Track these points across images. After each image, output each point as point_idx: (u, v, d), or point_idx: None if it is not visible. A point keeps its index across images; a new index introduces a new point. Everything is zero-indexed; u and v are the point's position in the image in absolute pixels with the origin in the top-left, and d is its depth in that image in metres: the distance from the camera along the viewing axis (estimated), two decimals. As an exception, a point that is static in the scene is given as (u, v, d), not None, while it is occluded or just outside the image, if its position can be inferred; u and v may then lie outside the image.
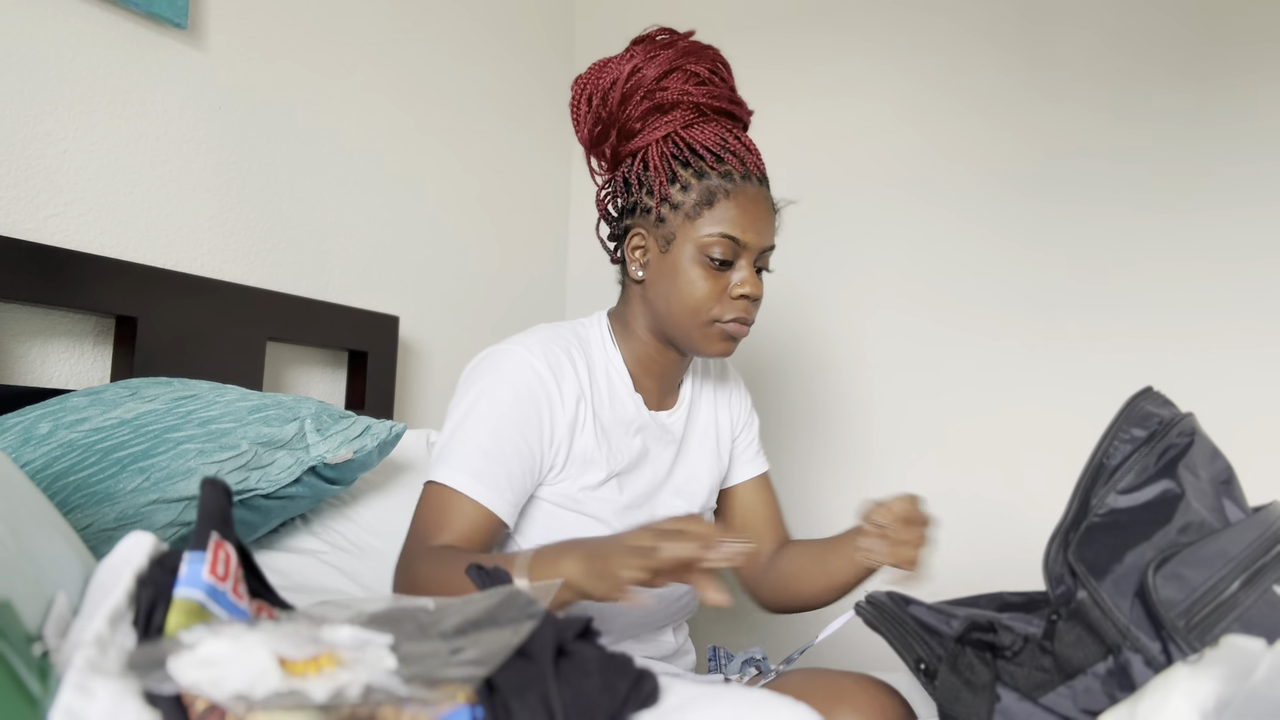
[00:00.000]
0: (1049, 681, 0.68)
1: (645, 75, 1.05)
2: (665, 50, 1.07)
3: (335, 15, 1.65)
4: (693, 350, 1.09)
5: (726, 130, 1.06)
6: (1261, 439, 1.59)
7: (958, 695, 0.69)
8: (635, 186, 1.08)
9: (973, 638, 0.72)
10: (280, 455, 1.09)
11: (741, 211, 1.03)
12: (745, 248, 1.04)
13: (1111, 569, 0.70)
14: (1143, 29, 1.75)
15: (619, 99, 1.06)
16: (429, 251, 1.87)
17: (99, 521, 0.94)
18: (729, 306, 1.04)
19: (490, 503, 0.97)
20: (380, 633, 0.50)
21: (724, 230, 1.02)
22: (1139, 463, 0.76)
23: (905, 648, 0.74)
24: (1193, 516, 0.74)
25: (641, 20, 2.26)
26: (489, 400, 1.01)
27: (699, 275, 1.03)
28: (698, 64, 1.07)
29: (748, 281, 1.04)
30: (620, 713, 0.50)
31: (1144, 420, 0.80)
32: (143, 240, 1.33)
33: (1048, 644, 0.70)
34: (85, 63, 1.26)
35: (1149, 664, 0.66)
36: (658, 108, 1.05)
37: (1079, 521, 0.74)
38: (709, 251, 1.03)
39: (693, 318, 1.04)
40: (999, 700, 0.68)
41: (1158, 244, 1.71)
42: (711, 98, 1.06)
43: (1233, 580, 0.68)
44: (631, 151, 1.08)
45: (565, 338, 1.08)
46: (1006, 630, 0.71)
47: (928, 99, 1.92)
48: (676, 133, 1.05)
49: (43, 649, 0.47)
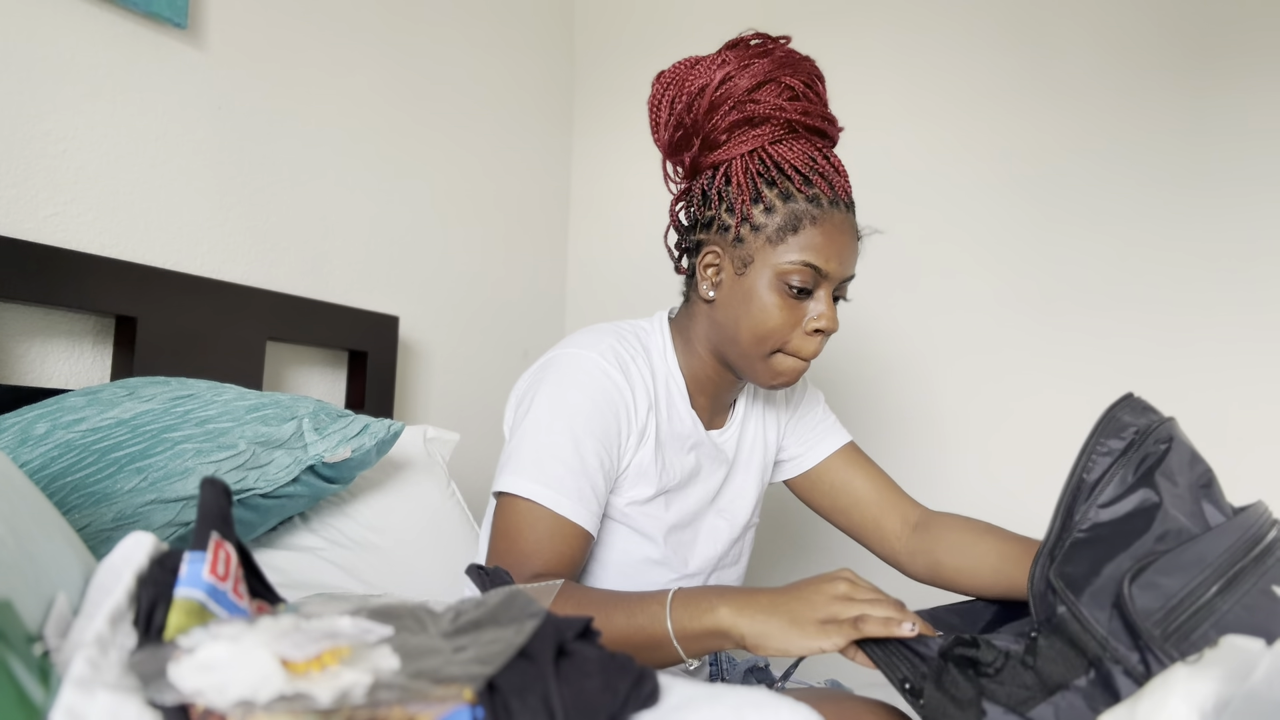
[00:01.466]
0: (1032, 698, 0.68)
1: (737, 85, 0.98)
2: (760, 59, 0.99)
3: (335, 15, 1.65)
4: (749, 378, 1.04)
5: (816, 149, 1.00)
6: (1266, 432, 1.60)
7: (945, 711, 0.69)
8: (715, 201, 1.01)
9: (956, 654, 0.72)
10: (278, 454, 1.09)
11: (827, 240, 0.97)
12: (826, 277, 0.98)
13: (1090, 582, 0.70)
14: (1142, 28, 1.75)
15: (706, 107, 0.99)
16: (429, 251, 1.87)
17: (97, 522, 0.93)
18: (802, 341, 0.99)
19: (580, 518, 0.93)
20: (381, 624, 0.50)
21: (807, 259, 0.96)
22: (1117, 474, 0.76)
23: (890, 668, 0.74)
24: (1170, 524, 0.74)
25: (641, 20, 2.27)
26: (566, 407, 0.96)
27: (774, 303, 0.97)
28: (794, 77, 0.99)
29: (825, 315, 0.98)
30: (621, 713, 0.50)
31: (1120, 431, 0.79)
32: (143, 240, 1.33)
33: (1029, 660, 0.70)
34: (85, 62, 1.26)
35: (1129, 674, 0.66)
36: (747, 120, 0.99)
37: (1062, 539, 0.75)
38: (788, 279, 0.97)
39: (759, 346, 0.99)
40: (985, 715, 0.68)
41: (1158, 243, 1.71)
42: (804, 114, 0.99)
43: (1210, 585, 0.68)
44: (714, 163, 1.01)
45: (631, 343, 1.03)
46: (989, 646, 0.71)
47: (927, 99, 1.92)
48: (764, 149, 0.99)
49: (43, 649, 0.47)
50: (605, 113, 2.31)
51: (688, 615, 0.79)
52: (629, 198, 2.25)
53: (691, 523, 1.09)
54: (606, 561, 1.06)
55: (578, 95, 2.35)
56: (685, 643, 0.79)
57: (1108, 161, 1.75)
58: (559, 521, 0.92)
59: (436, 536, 1.32)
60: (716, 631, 0.78)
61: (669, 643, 0.80)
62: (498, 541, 0.94)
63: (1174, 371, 1.67)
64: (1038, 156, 1.81)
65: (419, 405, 1.85)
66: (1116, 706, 0.62)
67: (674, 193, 1.09)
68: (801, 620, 0.76)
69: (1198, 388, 1.65)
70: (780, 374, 1.01)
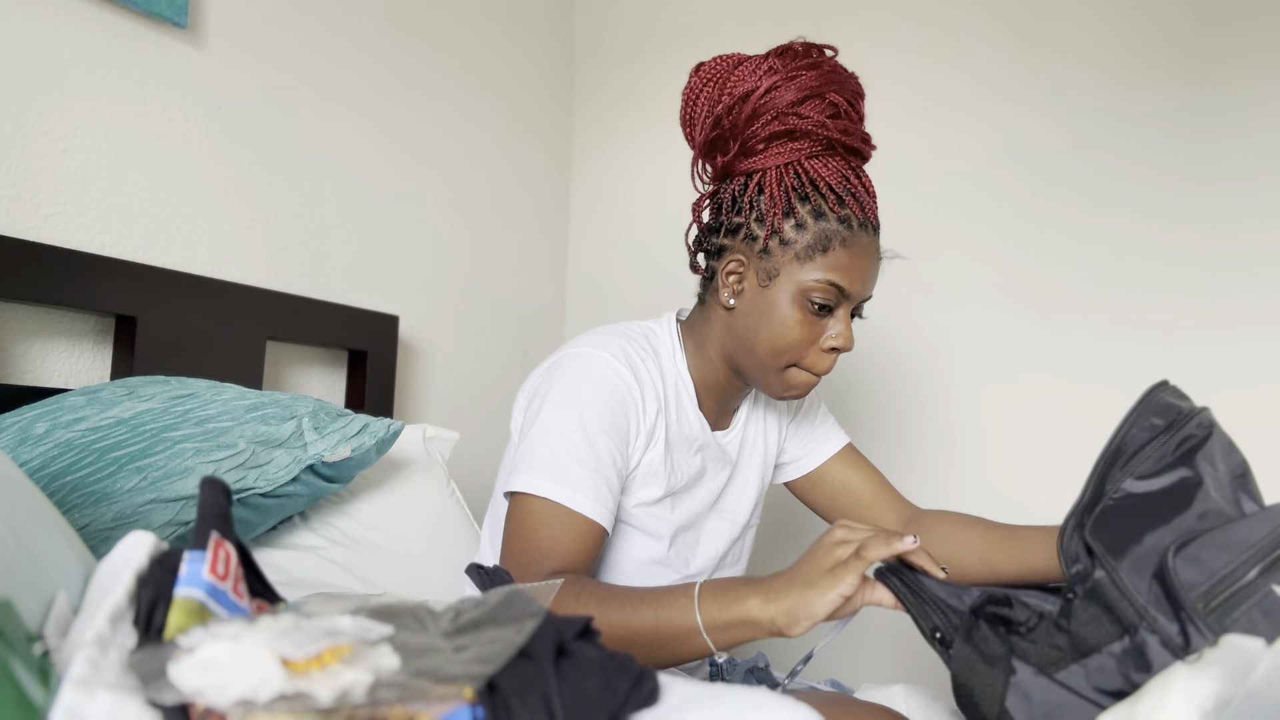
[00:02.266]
0: (1062, 659, 0.68)
1: (782, 96, 0.96)
2: (808, 72, 0.97)
3: (335, 15, 1.65)
4: (758, 387, 1.05)
5: (850, 169, 0.99)
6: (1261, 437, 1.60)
7: (973, 667, 0.69)
8: (746, 209, 1.00)
9: (988, 611, 0.72)
10: (278, 454, 1.09)
11: (854, 262, 0.97)
12: (848, 298, 0.99)
13: (1130, 549, 0.70)
14: (1142, 25, 1.75)
15: (748, 114, 0.98)
16: (429, 251, 1.87)
17: (96, 521, 0.94)
18: (818, 357, 1.00)
19: (596, 514, 0.93)
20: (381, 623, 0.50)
21: (833, 279, 0.96)
22: (1156, 450, 0.76)
23: (922, 615, 0.74)
24: (1211, 505, 0.74)
25: (641, 21, 2.27)
26: (578, 405, 0.96)
27: (796, 318, 0.98)
28: (839, 94, 0.98)
29: (842, 335, 0.99)
30: (620, 712, 0.50)
31: (1163, 410, 0.80)
32: (142, 240, 1.33)
33: (1063, 622, 0.70)
34: (85, 62, 1.26)
35: (1165, 645, 0.66)
36: (788, 133, 0.97)
37: (1094, 504, 0.75)
38: (812, 296, 0.97)
39: (775, 359, 0.99)
40: (1014, 673, 0.68)
41: (1160, 240, 1.71)
42: (845, 133, 0.98)
43: (1252, 566, 0.69)
44: (748, 171, 1.00)
45: (640, 344, 1.04)
46: (1022, 605, 0.71)
47: (927, 98, 1.92)
48: (800, 163, 0.98)
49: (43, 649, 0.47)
50: (605, 114, 2.31)
51: (717, 607, 0.79)
52: (629, 198, 2.25)
53: (695, 524, 1.09)
54: (610, 562, 1.06)
55: (578, 96, 2.35)
56: (715, 634, 0.79)
57: (1109, 158, 1.75)
58: (575, 518, 0.92)
59: (436, 536, 1.32)
60: (748, 621, 0.78)
61: (698, 635, 0.80)
62: (513, 540, 0.93)
63: (1176, 367, 1.67)
64: (1039, 153, 1.81)
65: (419, 405, 1.85)
66: (1117, 706, 0.62)
67: (701, 191, 1.08)
68: (813, 579, 0.76)
69: (1199, 384, 1.65)
70: (792, 387, 1.02)
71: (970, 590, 0.75)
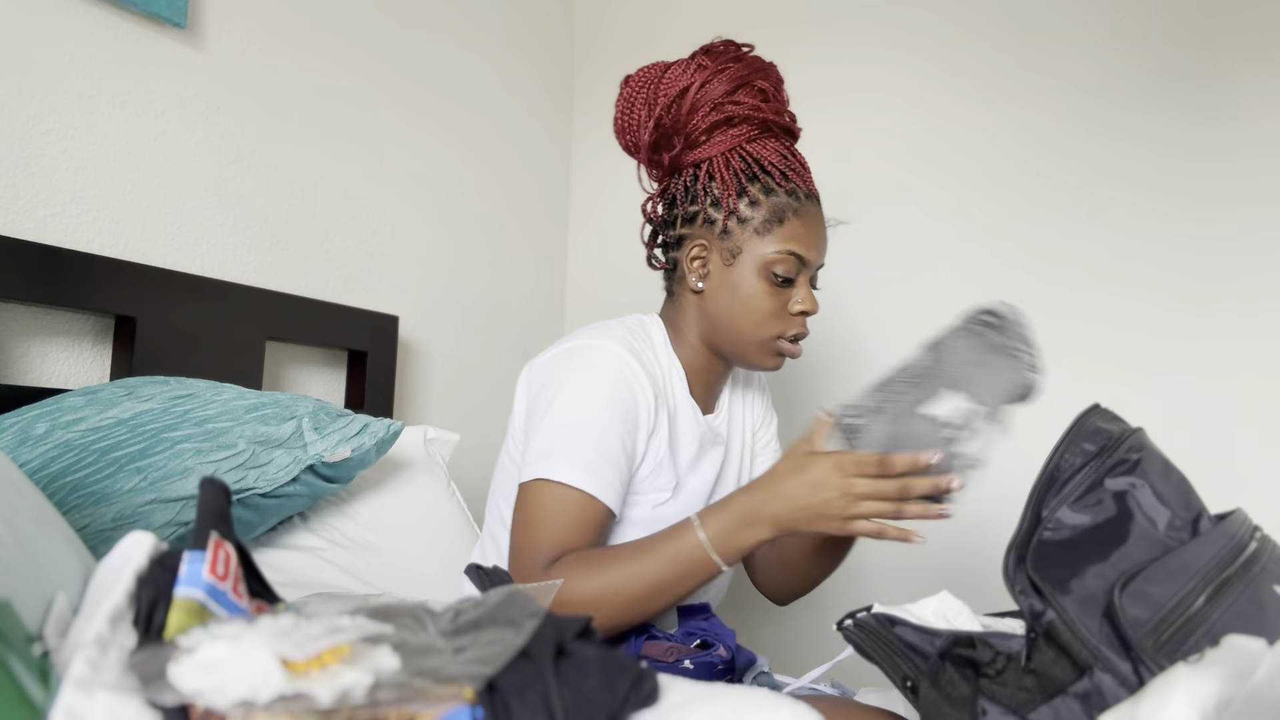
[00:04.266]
0: (1032, 700, 0.69)
1: (715, 89, 1.05)
2: (734, 64, 1.07)
3: (335, 15, 1.65)
4: (744, 363, 1.09)
5: (786, 148, 1.08)
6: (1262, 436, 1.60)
7: (940, 710, 0.69)
8: (700, 196, 1.07)
9: (954, 654, 0.72)
10: (278, 454, 1.09)
11: (806, 230, 1.06)
12: (807, 266, 1.06)
13: (1072, 585, 0.70)
14: (1142, 22, 1.75)
15: (688, 108, 1.06)
16: (429, 251, 1.87)
17: (96, 522, 0.93)
18: (790, 323, 1.06)
19: (603, 495, 0.96)
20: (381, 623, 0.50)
21: (790, 248, 1.04)
22: (1089, 477, 0.76)
23: (892, 667, 0.75)
24: (1149, 532, 0.74)
25: (641, 21, 2.27)
26: (587, 394, 1.00)
27: (763, 291, 1.05)
28: (764, 80, 1.08)
29: (807, 299, 1.06)
30: (620, 712, 0.50)
31: (1094, 436, 0.80)
32: (142, 240, 1.32)
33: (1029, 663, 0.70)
34: (85, 62, 1.26)
35: (1122, 684, 0.66)
36: (727, 121, 1.06)
37: (1031, 534, 0.75)
38: (774, 268, 1.04)
39: (754, 333, 1.06)
40: (984, 715, 0.68)
41: (1158, 238, 1.71)
42: (776, 114, 1.08)
43: (1199, 594, 0.69)
44: (695, 161, 1.08)
45: (640, 336, 1.09)
46: (986, 646, 0.72)
47: (935, 94, 1.92)
48: (741, 147, 1.06)
49: (43, 649, 0.47)
50: (605, 113, 2.30)
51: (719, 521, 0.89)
52: (629, 197, 2.24)
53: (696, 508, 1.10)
54: None
55: (578, 95, 2.35)
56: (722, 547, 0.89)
57: (1108, 157, 1.75)
58: (588, 501, 0.96)
59: (436, 537, 1.32)
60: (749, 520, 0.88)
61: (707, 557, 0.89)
62: (524, 525, 0.97)
63: (1174, 367, 1.67)
64: (1036, 152, 1.81)
65: (419, 405, 1.85)
66: (1118, 706, 0.62)
67: (649, 191, 1.16)
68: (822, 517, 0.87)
69: (1198, 383, 1.65)
70: (775, 355, 1.08)
71: (940, 633, 0.75)
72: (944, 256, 1.88)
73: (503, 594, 0.56)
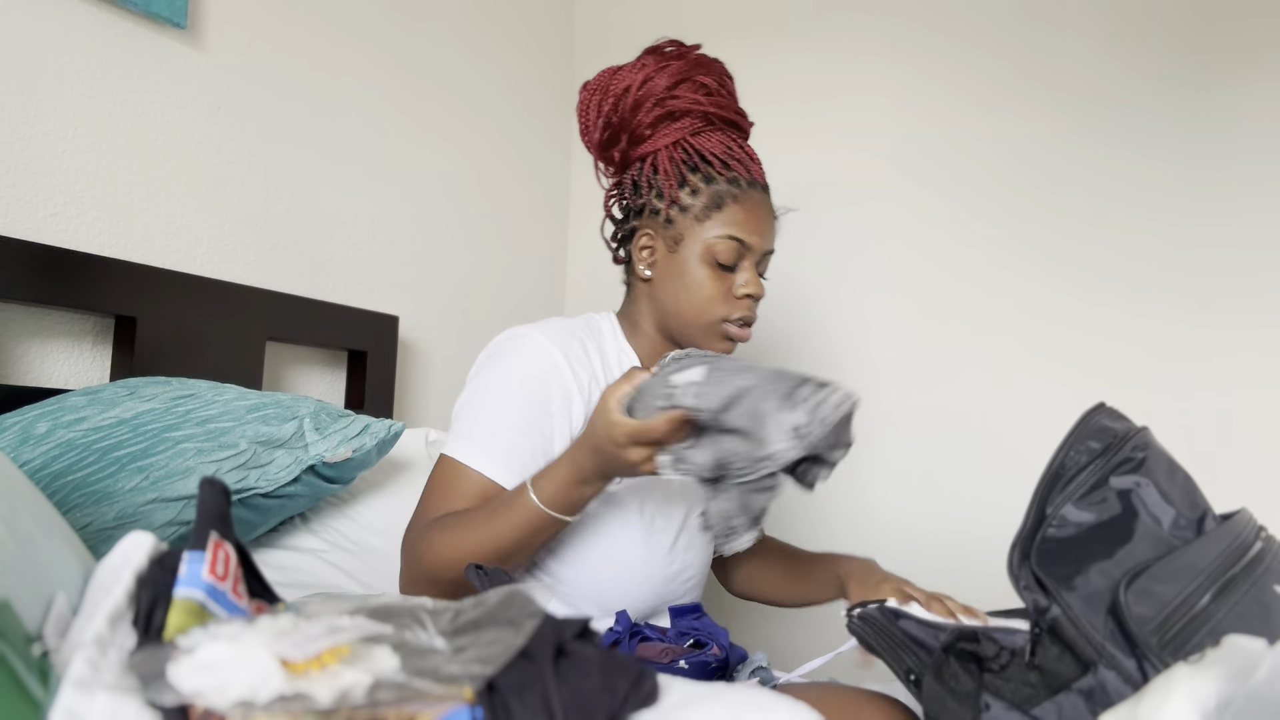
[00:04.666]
0: (1036, 696, 0.69)
1: (657, 84, 1.10)
2: (676, 61, 1.11)
3: (335, 15, 1.65)
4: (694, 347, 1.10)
5: (731, 139, 1.11)
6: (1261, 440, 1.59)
7: (943, 704, 0.69)
8: (645, 189, 1.12)
9: (958, 648, 0.72)
10: (279, 454, 1.10)
11: (748, 215, 1.08)
12: (749, 250, 1.09)
13: (1077, 582, 0.70)
14: (1142, 25, 1.74)
15: (631, 105, 1.11)
16: (429, 251, 1.87)
17: (98, 521, 0.94)
18: (734, 306, 1.08)
19: (492, 471, 1.00)
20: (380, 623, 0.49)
21: (730, 233, 1.07)
22: (1094, 475, 0.76)
23: (895, 660, 0.75)
24: (1154, 531, 0.74)
25: (641, 21, 2.27)
26: (495, 378, 1.04)
27: (705, 275, 1.08)
28: (707, 76, 1.11)
29: (750, 282, 1.09)
30: (620, 712, 0.50)
31: (1099, 434, 0.80)
32: (142, 240, 1.33)
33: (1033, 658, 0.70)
34: (85, 62, 1.26)
35: (1126, 681, 0.66)
36: (669, 115, 1.10)
37: (1036, 529, 0.75)
38: (715, 253, 1.07)
39: (699, 316, 1.08)
40: (987, 709, 0.68)
41: (1158, 244, 1.71)
42: (719, 108, 1.11)
43: (1204, 593, 0.69)
44: (641, 155, 1.13)
45: (578, 325, 1.13)
46: (990, 641, 0.72)
47: (928, 99, 1.92)
48: (685, 139, 1.10)
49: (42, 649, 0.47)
50: (605, 112, 2.30)
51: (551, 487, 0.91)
52: (629, 197, 2.24)
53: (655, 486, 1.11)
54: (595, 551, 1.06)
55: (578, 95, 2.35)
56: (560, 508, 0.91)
57: (1108, 160, 1.75)
58: (473, 474, 1.00)
59: (437, 536, 1.32)
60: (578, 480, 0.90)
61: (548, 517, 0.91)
62: (424, 493, 1.03)
63: (1174, 369, 1.67)
64: (1036, 155, 1.81)
65: (419, 406, 1.85)
66: (1119, 705, 0.62)
67: (605, 188, 1.20)
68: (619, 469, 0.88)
69: (1199, 385, 1.65)
70: (725, 339, 1.10)
71: (945, 627, 0.75)
72: (940, 258, 1.88)
73: (503, 594, 0.56)
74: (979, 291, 1.85)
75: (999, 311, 1.82)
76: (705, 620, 1.07)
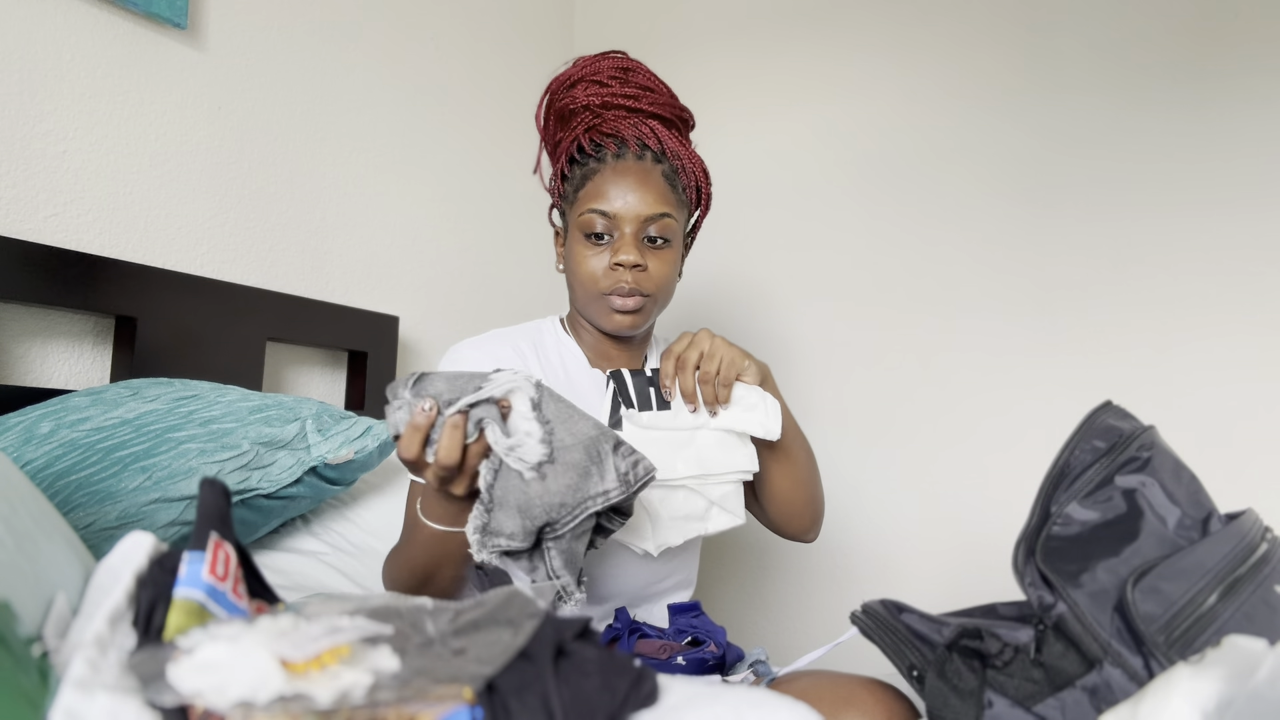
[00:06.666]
0: (1039, 692, 0.69)
1: (557, 96, 1.15)
2: (572, 68, 1.15)
3: (335, 15, 1.65)
4: (597, 326, 1.14)
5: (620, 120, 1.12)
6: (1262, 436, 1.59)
7: (945, 700, 0.69)
8: (553, 195, 1.19)
9: (961, 645, 0.72)
10: (281, 455, 1.10)
11: (610, 185, 1.09)
12: (616, 218, 1.08)
13: (1083, 579, 0.70)
14: (1143, 27, 1.74)
15: (542, 119, 1.18)
16: (428, 251, 1.87)
17: (101, 520, 0.94)
18: (609, 277, 1.09)
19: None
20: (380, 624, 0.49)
21: (591, 205, 1.09)
22: (1100, 474, 0.76)
23: (898, 655, 0.75)
24: (1159, 530, 0.74)
25: (640, 21, 2.27)
26: None
27: (582, 252, 1.10)
28: (597, 72, 1.14)
29: (622, 249, 1.07)
30: (620, 712, 0.50)
31: (1105, 433, 0.80)
32: (142, 240, 1.33)
33: (1037, 655, 0.70)
34: (85, 63, 1.26)
35: (1132, 679, 0.66)
36: (565, 118, 1.15)
37: (1041, 527, 0.75)
38: (585, 228, 1.09)
39: (585, 294, 1.11)
40: (990, 706, 0.68)
41: (1157, 243, 1.71)
42: (609, 97, 1.13)
43: (1210, 592, 0.69)
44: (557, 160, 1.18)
45: (518, 332, 1.17)
46: (994, 638, 0.72)
47: (927, 100, 1.92)
48: (579, 136, 1.13)
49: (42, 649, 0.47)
50: (606, 112, 2.30)
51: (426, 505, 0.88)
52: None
53: None
54: None
55: (578, 94, 2.35)
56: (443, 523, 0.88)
57: (1106, 162, 1.75)
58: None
59: (437, 536, 1.32)
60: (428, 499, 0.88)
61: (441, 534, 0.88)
62: None
63: (1173, 372, 1.67)
64: (1036, 157, 1.81)
65: (420, 405, 1.85)
66: (1119, 706, 0.62)
67: None
68: None
69: (1198, 388, 1.65)
70: (614, 312, 1.10)
71: (948, 624, 0.75)
72: (939, 259, 1.88)
73: (503, 595, 0.56)
74: (979, 292, 1.84)
75: (999, 311, 1.82)
76: (703, 618, 1.08)
